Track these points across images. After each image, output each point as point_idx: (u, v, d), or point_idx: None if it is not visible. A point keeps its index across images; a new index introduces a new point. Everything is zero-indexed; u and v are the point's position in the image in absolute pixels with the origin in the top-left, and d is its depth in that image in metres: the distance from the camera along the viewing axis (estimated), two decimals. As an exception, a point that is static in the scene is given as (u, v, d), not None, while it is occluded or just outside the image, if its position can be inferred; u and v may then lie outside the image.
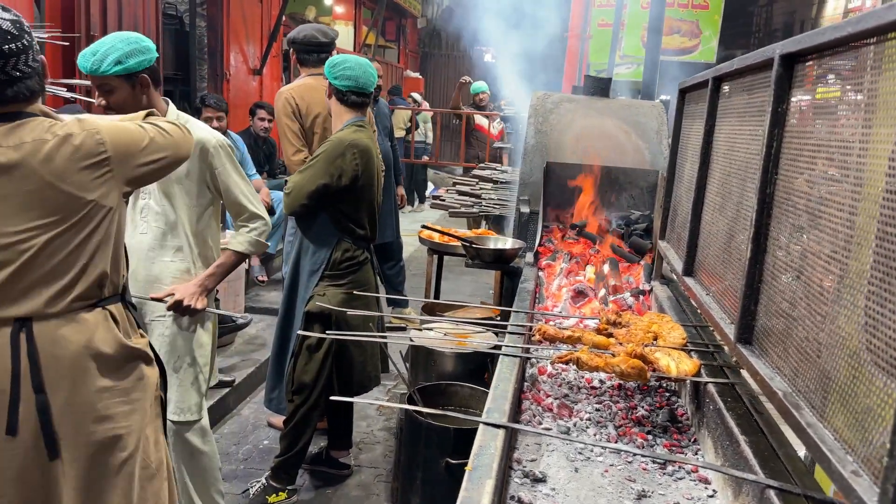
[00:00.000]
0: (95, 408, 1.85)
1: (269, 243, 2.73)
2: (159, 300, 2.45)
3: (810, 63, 1.41)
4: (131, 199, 2.48)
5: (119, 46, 2.28)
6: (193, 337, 2.59)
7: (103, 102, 2.33)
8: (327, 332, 2.79)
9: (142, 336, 2.01)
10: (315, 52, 3.75)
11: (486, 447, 1.43)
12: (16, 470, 1.80)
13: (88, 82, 2.37)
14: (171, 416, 2.56)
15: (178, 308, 2.44)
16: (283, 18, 7.92)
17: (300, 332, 2.95)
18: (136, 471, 1.94)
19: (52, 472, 1.82)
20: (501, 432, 1.50)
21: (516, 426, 1.57)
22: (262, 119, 6.08)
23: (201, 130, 2.51)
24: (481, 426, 1.52)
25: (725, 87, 2.08)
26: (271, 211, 5.28)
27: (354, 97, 3.05)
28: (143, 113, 2.06)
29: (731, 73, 1.96)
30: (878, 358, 1.02)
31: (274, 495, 3.17)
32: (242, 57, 7.44)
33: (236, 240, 2.59)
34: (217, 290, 2.73)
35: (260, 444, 3.80)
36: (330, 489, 3.41)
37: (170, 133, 1.96)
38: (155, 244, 2.52)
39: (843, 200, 1.18)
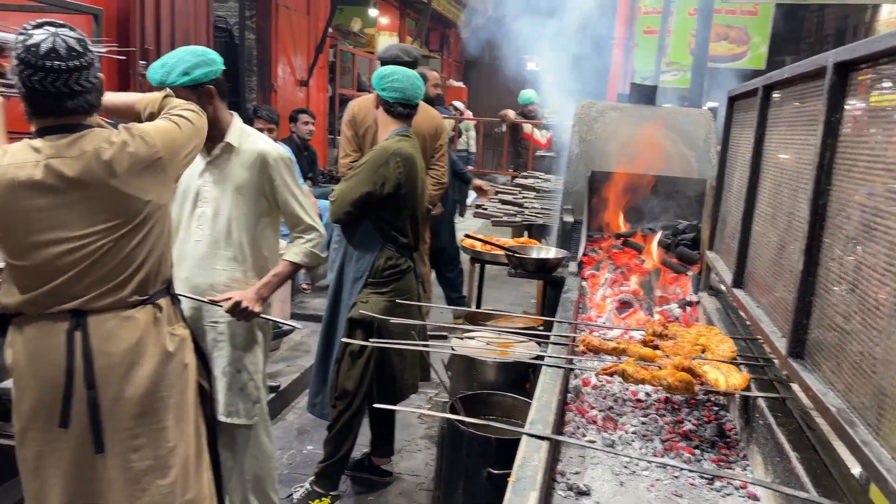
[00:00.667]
0: (142, 402, 1.93)
1: (323, 255, 2.76)
2: (216, 304, 2.50)
3: (865, 71, 1.38)
4: (189, 206, 2.56)
5: (186, 58, 2.37)
6: (244, 344, 2.64)
7: None
8: (370, 339, 2.81)
9: (183, 327, 2.10)
10: None
11: (530, 459, 1.42)
12: (68, 461, 1.88)
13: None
14: (220, 417, 2.62)
15: (236, 311, 2.48)
16: (329, 30, 8.05)
17: (343, 339, 2.98)
18: (180, 461, 2.00)
19: (100, 464, 1.89)
20: (545, 444, 1.49)
21: (560, 438, 1.56)
22: (307, 123, 6.10)
23: (262, 142, 2.58)
24: (524, 437, 1.51)
25: (776, 96, 2.03)
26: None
27: (401, 108, 3.10)
28: (159, 96, 2.16)
29: (782, 82, 1.93)
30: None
31: (317, 500, 3.20)
32: (290, 68, 7.59)
33: (292, 251, 2.63)
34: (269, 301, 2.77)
35: (304, 449, 3.84)
36: (372, 496, 3.42)
37: (192, 121, 2.07)
38: (208, 252, 2.56)
39: (901, 212, 1.15)
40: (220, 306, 2.49)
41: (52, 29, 1.77)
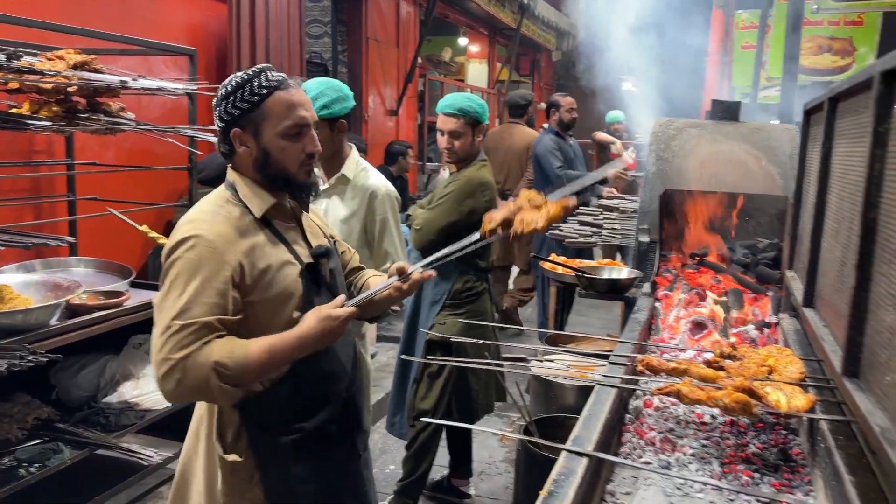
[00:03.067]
0: None
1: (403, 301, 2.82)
2: None
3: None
4: None
5: (327, 93, 2.51)
6: None
7: None
8: (428, 357, 2.87)
9: None
10: (514, 108, 6.03)
11: (566, 475, 1.43)
12: None
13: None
14: None
15: None
16: (419, 60, 8.28)
17: (403, 356, 3.07)
18: None
19: None
20: (585, 460, 1.50)
21: (602, 455, 1.56)
22: (412, 158, 6.57)
23: (375, 178, 2.70)
24: (563, 453, 1.53)
25: (840, 108, 1.97)
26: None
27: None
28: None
29: (844, 93, 1.87)
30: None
31: (395, 518, 3.28)
32: (380, 99, 7.86)
33: None
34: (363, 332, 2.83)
35: (386, 468, 3.93)
36: (449, 516, 3.47)
37: None
38: None
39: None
40: None
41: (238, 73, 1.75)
